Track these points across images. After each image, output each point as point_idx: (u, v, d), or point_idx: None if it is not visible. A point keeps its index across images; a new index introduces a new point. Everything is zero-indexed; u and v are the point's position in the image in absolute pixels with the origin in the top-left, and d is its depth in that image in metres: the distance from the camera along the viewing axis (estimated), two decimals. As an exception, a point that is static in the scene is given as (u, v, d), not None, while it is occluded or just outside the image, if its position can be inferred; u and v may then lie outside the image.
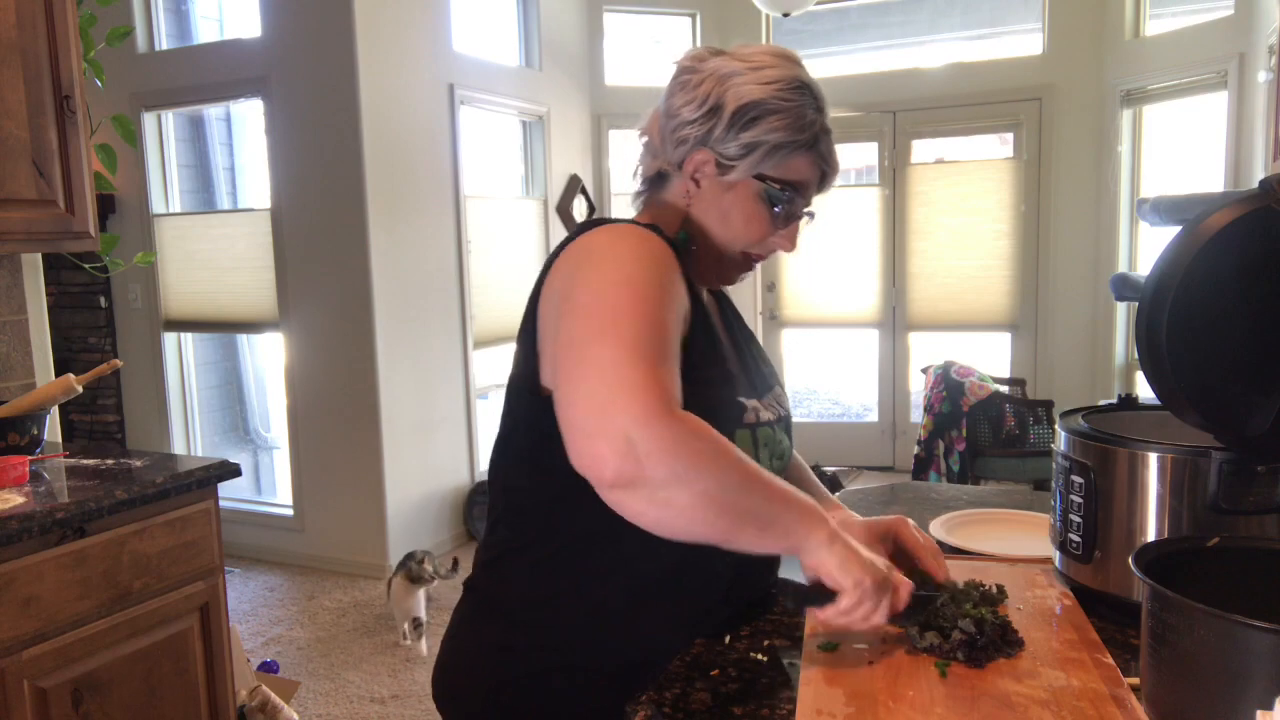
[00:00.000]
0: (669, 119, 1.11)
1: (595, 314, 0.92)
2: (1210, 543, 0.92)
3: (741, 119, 1.06)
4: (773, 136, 1.06)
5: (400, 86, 4.18)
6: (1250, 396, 1.00)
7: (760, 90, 1.06)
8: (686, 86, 1.10)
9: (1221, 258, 0.97)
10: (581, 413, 0.88)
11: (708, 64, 1.10)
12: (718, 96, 1.07)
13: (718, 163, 1.08)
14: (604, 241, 1.01)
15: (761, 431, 1.09)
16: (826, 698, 0.91)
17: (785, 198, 1.09)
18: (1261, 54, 3.70)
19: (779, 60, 1.09)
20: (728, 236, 1.11)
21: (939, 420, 4.31)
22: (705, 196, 1.10)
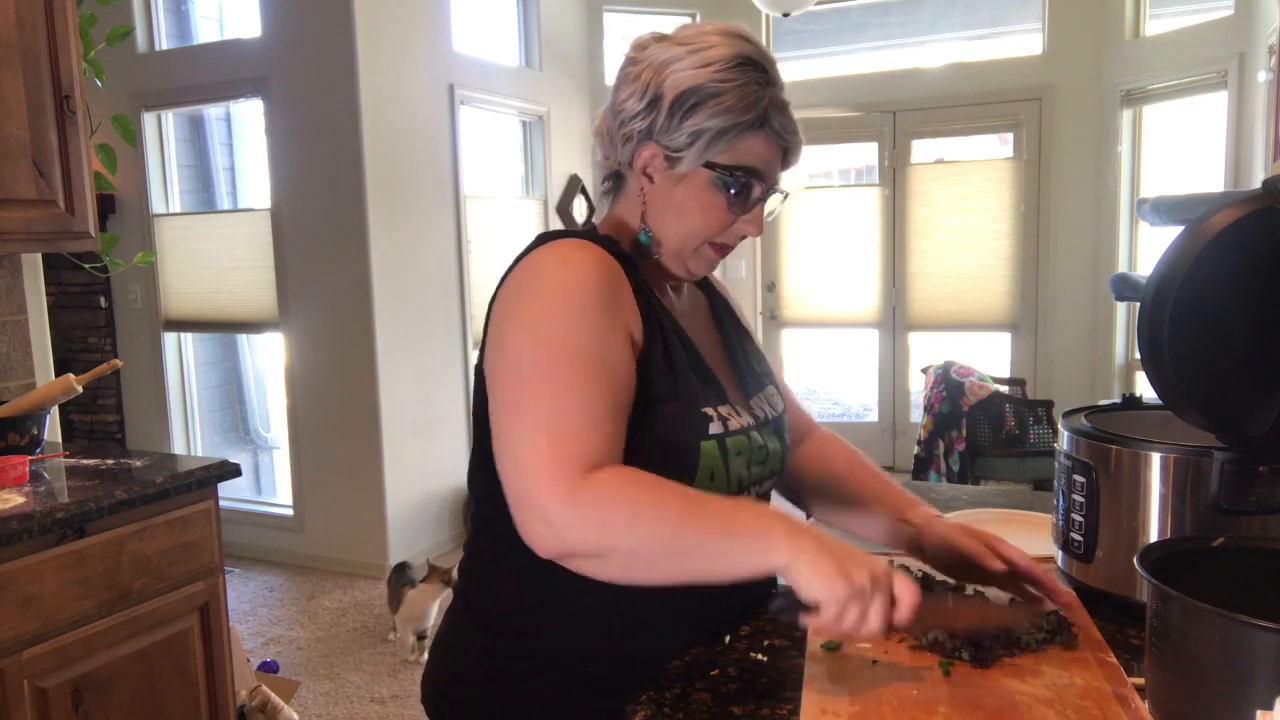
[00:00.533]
0: (615, 115, 1.08)
1: (512, 381, 0.95)
2: (1215, 543, 0.92)
3: (681, 107, 1.01)
4: (715, 122, 1.01)
5: (400, 86, 4.18)
6: (1252, 396, 1.00)
7: (697, 75, 1.01)
8: (628, 79, 1.06)
9: (1223, 258, 0.97)
10: (509, 491, 0.92)
11: (648, 52, 1.06)
12: (656, 86, 1.03)
13: (665, 156, 1.04)
14: (536, 275, 0.99)
15: (732, 441, 1.05)
16: (830, 697, 0.90)
17: (739, 183, 1.03)
18: (1261, 54, 3.70)
19: (721, 38, 1.03)
20: (687, 229, 1.06)
21: (939, 420, 4.31)
22: (659, 191, 1.06)
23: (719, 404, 1.06)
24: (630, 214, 1.10)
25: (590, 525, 0.88)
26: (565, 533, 0.88)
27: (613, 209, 1.13)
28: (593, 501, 0.88)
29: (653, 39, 1.08)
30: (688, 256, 1.09)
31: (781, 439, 1.17)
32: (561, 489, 0.88)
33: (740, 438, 1.06)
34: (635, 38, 1.10)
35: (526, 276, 1.00)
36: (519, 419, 0.92)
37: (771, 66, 1.04)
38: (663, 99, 1.02)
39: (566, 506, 0.88)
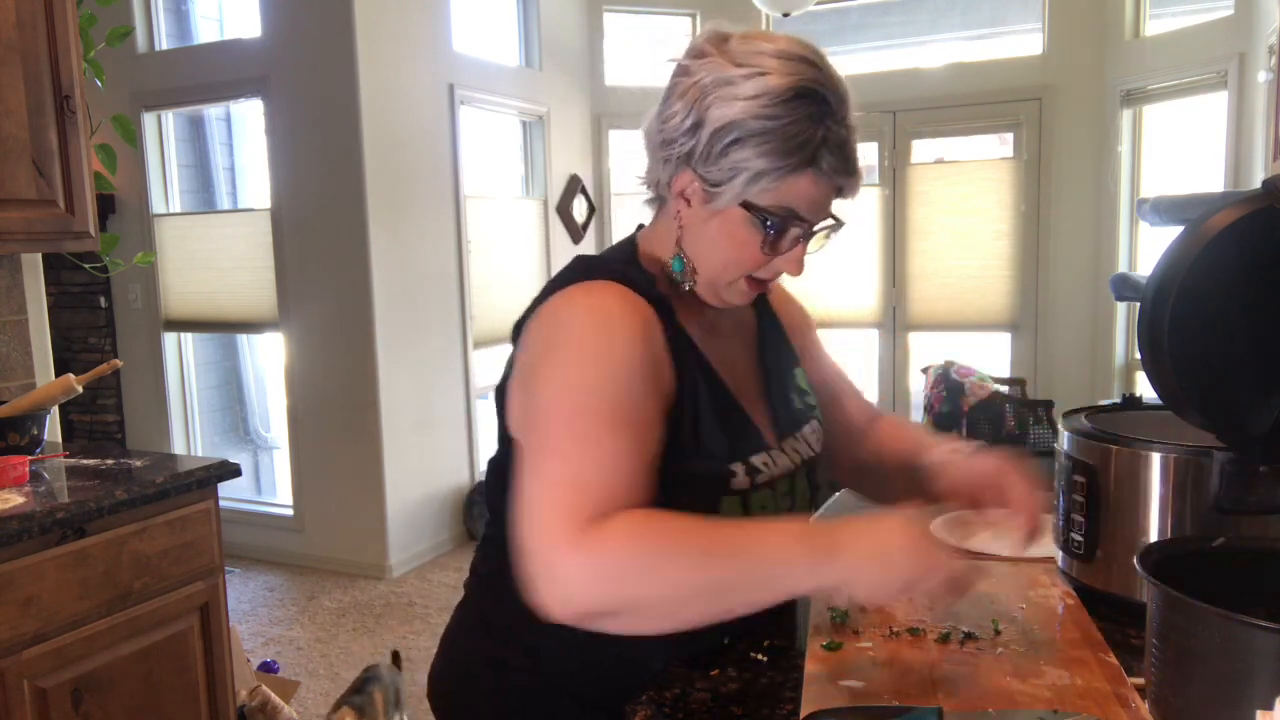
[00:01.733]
0: (658, 129, 1.00)
1: (537, 434, 0.91)
2: (1215, 543, 0.92)
3: (721, 141, 0.94)
4: (755, 163, 0.93)
5: (400, 86, 4.18)
6: (1252, 396, 1.00)
7: (740, 108, 0.93)
8: (677, 92, 0.98)
9: (1224, 258, 0.97)
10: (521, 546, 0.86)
11: (701, 65, 0.97)
12: (701, 111, 0.95)
13: (703, 187, 0.97)
14: (569, 324, 0.95)
15: (756, 496, 1.01)
16: (831, 696, 0.90)
17: (777, 227, 0.97)
18: (1261, 54, 3.70)
19: (779, 63, 0.94)
20: (721, 263, 1.00)
21: (939, 420, 4.31)
22: (695, 219, 1.00)
23: (752, 453, 1.03)
24: (668, 234, 1.04)
25: (600, 578, 0.83)
26: (577, 591, 0.83)
27: (654, 223, 1.09)
28: (601, 551, 0.82)
29: (712, 46, 0.98)
30: (721, 288, 1.03)
31: (813, 481, 1.14)
32: (568, 540, 0.83)
33: (766, 492, 1.03)
34: (695, 40, 1.00)
35: (559, 324, 0.96)
36: (538, 471, 0.89)
37: (835, 96, 0.97)
38: (704, 126, 0.95)
39: (573, 557, 0.82)
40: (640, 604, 0.84)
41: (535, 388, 0.94)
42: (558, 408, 0.91)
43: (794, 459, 1.09)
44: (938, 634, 1.03)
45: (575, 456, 0.88)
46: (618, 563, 0.83)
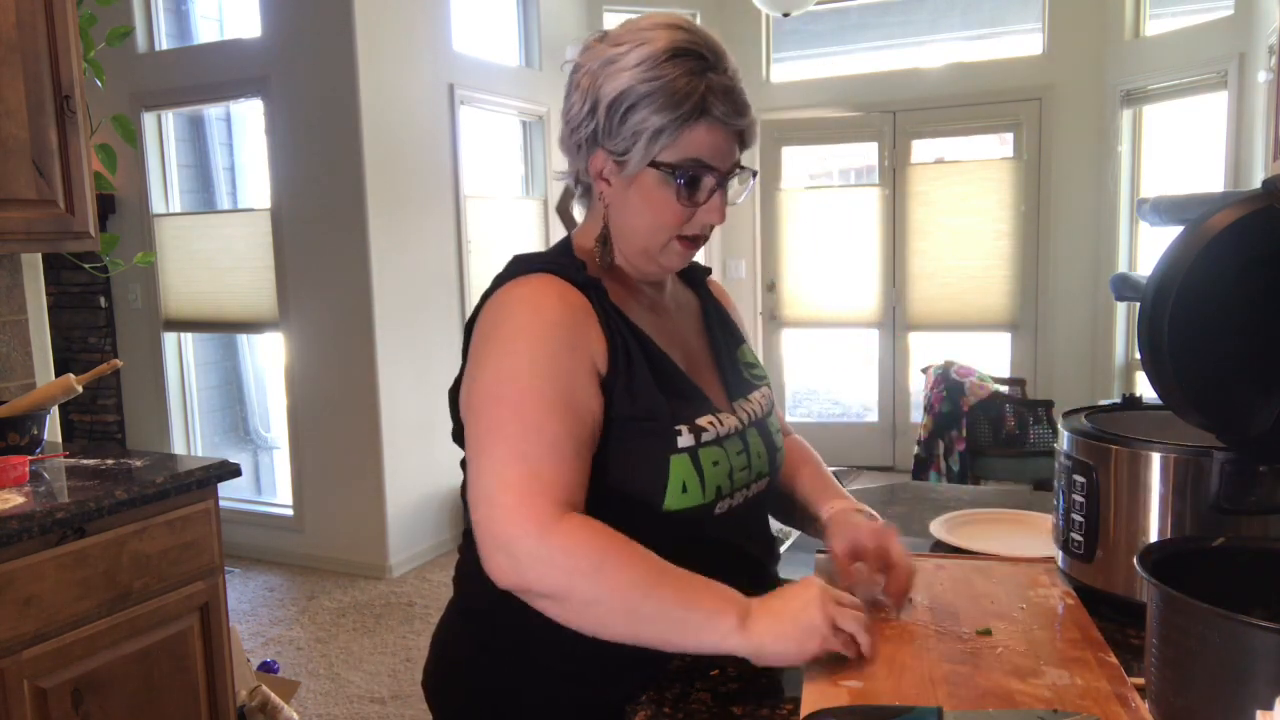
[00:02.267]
0: (566, 123, 1.08)
1: (482, 420, 0.97)
2: (1215, 543, 0.92)
3: (617, 111, 1.01)
4: (651, 121, 1.00)
5: (400, 86, 4.18)
6: (1252, 396, 1.00)
7: (626, 77, 1.00)
8: (573, 86, 1.06)
9: (1224, 258, 0.97)
10: (474, 523, 0.94)
11: (587, 55, 1.05)
12: (595, 92, 1.03)
13: (614, 160, 1.04)
14: (502, 317, 1.01)
15: (706, 452, 1.04)
16: (830, 697, 0.90)
17: (686, 176, 1.02)
18: (1261, 54, 3.70)
19: (654, 32, 1.02)
20: (647, 228, 1.06)
21: (939, 420, 4.31)
22: (616, 195, 1.06)
23: (696, 415, 1.06)
24: (597, 220, 1.11)
25: (555, 567, 0.90)
26: (528, 569, 0.90)
27: (587, 216, 1.15)
28: (561, 544, 0.90)
29: (596, 39, 1.07)
30: (657, 253, 1.08)
31: (769, 440, 1.16)
32: (532, 525, 0.90)
33: (715, 448, 1.06)
34: (582, 40, 1.09)
35: (494, 317, 1.02)
36: (489, 454, 0.95)
37: (711, 51, 1.02)
38: (600, 104, 1.02)
39: (535, 542, 0.90)
40: (572, 599, 0.91)
41: (477, 377, 1.00)
42: (500, 393, 0.97)
43: (743, 419, 1.13)
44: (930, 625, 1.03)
45: (521, 439, 0.94)
46: (569, 558, 0.90)
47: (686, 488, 1.02)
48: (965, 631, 1.04)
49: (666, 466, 1.01)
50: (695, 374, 1.13)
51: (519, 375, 0.96)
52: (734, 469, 1.08)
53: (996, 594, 1.14)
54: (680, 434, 1.03)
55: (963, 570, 1.23)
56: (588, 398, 0.99)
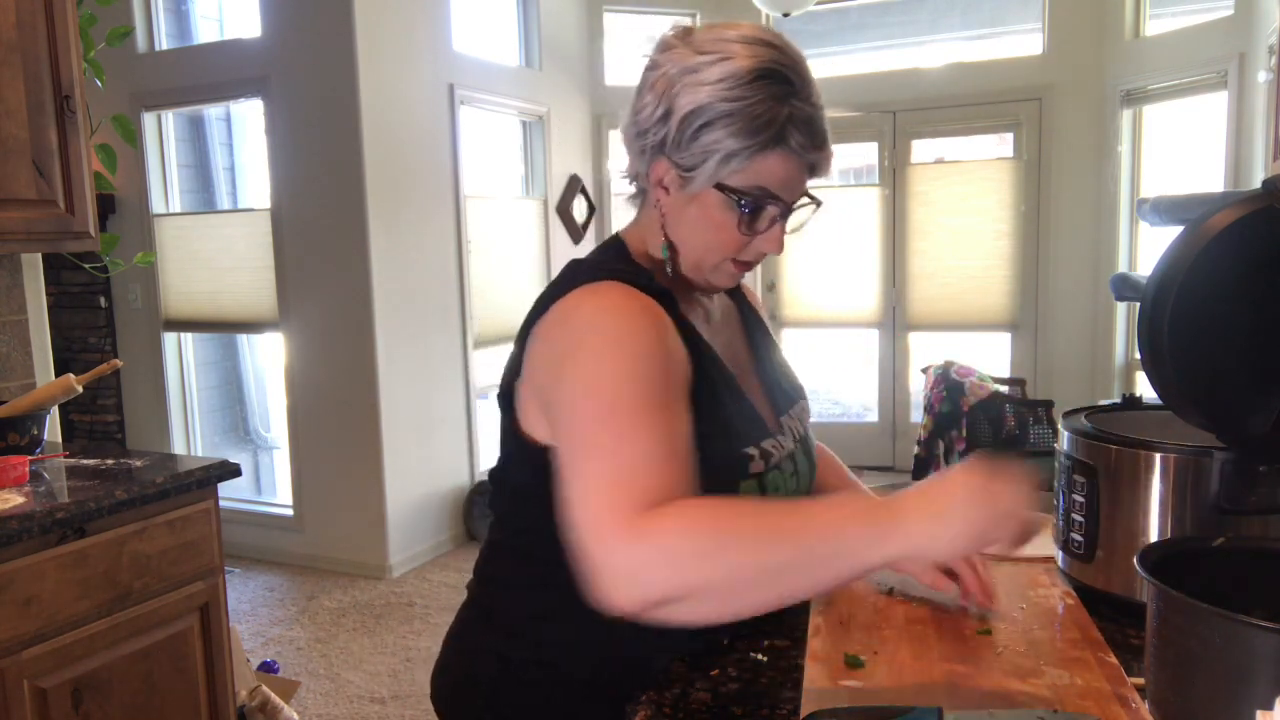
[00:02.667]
0: (633, 124, 1.03)
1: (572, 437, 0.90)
2: (1215, 543, 0.92)
3: (691, 125, 0.96)
4: (725, 144, 0.95)
5: (400, 86, 4.18)
6: (1252, 396, 1.00)
7: (706, 93, 0.95)
8: (647, 86, 1.01)
9: (1224, 258, 0.97)
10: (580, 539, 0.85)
11: (668, 56, 1.00)
12: (670, 100, 0.98)
13: (678, 173, 1.00)
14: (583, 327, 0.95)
15: (771, 478, 1.03)
16: (831, 696, 0.90)
17: (752, 206, 0.99)
18: (1261, 54, 3.70)
19: (741, 47, 0.97)
20: (703, 246, 1.02)
21: (939, 420, 4.31)
22: (674, 206, 1.02)
23: (762, 438, 1.04)
24: (653, 225, 1.06)
25: (658, 564, 0.80)
26: (637, 580, 0.80)
27: (638, 219, 1.10)
28: (656, 539, 0.81)
29: (677, 39, 1.01)
30: (707, 272, 1.05)
31: (810, 459, 1.15)
32: (621, 531, 0.81)
33: (776, 474, 1.05)
34: (661, 35, 1.03)
35: (572, 328, 0.96)
36: (581, 473, 0.88)
37: (798, 75, 0.98)
38: (673, 114, 0.98)
39: (629, 548, 0.81)
40: (701, 589, 0.81)
41: (562, 393, 0.93)
42: (588, 408, 0.90)
43: (794, 438, 1.11)
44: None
45: (614, 451, 0.87)
46: (674, 549, 0.80)
47: None
48: (965, 631, 1.04)
49: (736, 489, 0.99)
50: (749, 387, 1.10)
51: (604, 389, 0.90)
52: (787, 491, 1.06)
53: (996, 594, 1.14)
54: (752, 459, 1.01)
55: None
56: (681, 403, 0.94)
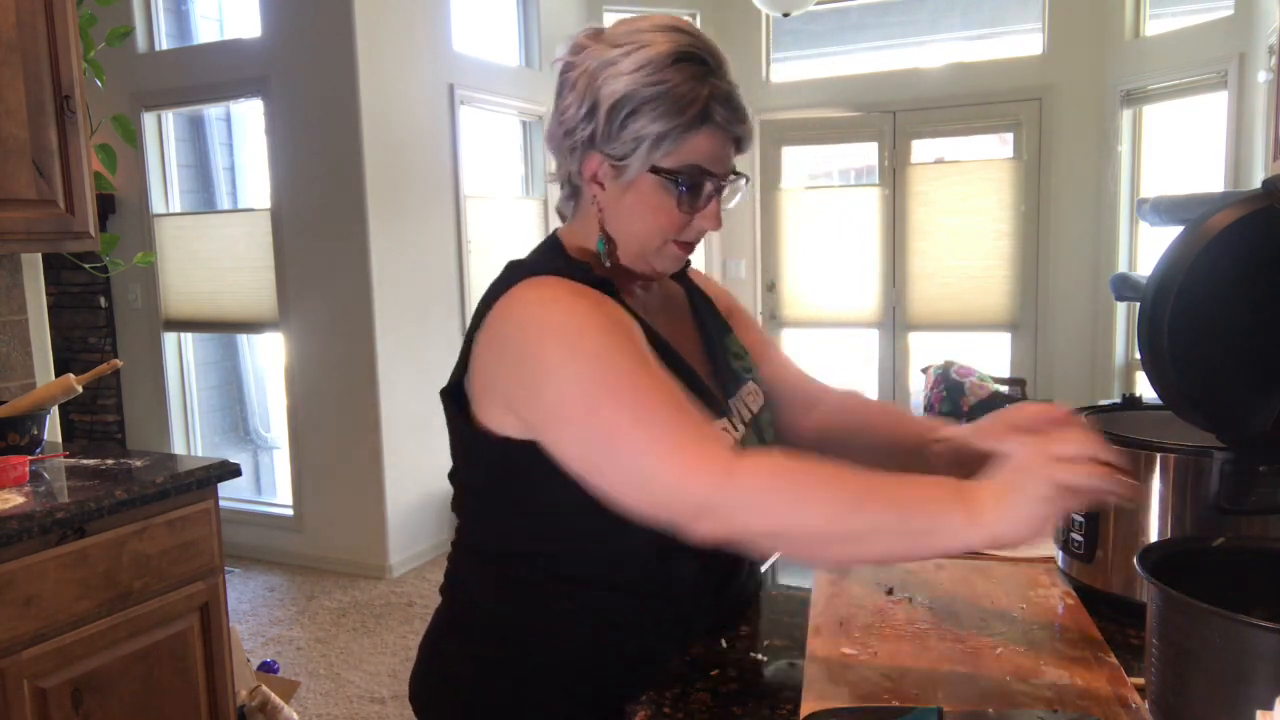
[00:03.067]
0: (558, 124, 1.05)
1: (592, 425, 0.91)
2: (1215, 542, 0.92)
3: (617, 116, 0.99)
4: (653, 128, 0.98)
5: (400, 86, 4.18)
6: (1252, 396, 1.00)
7: (627, 81, 0.98)
8: (567, 85, 1.04)
9: (1224, 258, 0.97)
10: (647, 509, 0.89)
11: (583, 56, 1.03)
12: (593, 94, 1.00)
13: (611, 164, 1.02)
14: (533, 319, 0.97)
15: None
16: (831, 696, 0.90)
17: (687, 184, 1.01)
18: (1261, 54, 3.70)
19: (655, 34, 1.00)
20: (645, 232, 1.04)
21: (939, 420, 4.30)
22: (611, 198, 1.04)
23: (715, 419, 1.05)
24: (589, 223, 1.07)
25: (757, 509, 0.86)
26: (734, 517, 0.86)
27: (575, 217, 1.11)
28: (754, 483, 0.86)
29: (589, 39, 1.05)
30: (651, 257, 1.07)
31: (762, 438, 1.15)
32: (716, 474, 0.86)
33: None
34: (571, 38, 1.07)
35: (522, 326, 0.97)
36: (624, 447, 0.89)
37: (712, 56, 1.01)
38: (599, 107, 1.00)
39: (728, 490, 0.86)
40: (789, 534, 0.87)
41: (551, 390, 0.94)
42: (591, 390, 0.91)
43: (743, 419, 1.11)
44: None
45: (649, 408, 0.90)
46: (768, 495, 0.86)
47: None
48: (965, 631, 1.04)
49: None
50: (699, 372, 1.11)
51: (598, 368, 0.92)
52: None
53: (996, 594, 1.14)
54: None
55: (963, 570, 1.23)
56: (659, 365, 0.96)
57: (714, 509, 0.86)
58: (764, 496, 0.86)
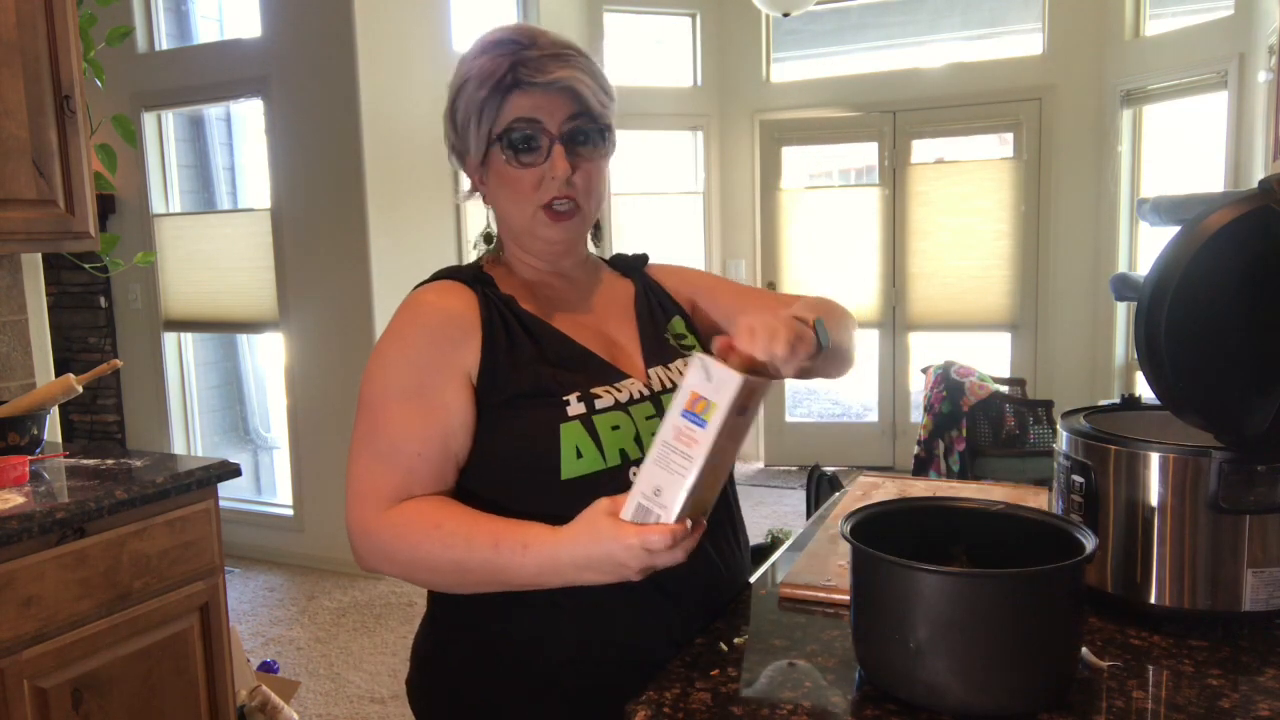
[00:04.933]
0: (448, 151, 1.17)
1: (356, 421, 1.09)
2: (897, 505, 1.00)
3: (456, 114, 1.11)
4: (473, 104, 1.08)
5: (400, 86, 4.18)
6: (1249, 396, 1.00)
7: (454, 81, 1.12)
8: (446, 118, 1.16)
9: (1221, 257, 0.97)
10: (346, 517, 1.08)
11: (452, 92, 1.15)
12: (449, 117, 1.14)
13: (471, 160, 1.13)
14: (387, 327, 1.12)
15: (602, 418, 1.06)
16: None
17: (518, 140, 1.08)
18: (1261, 54, 3.70)
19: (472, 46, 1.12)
20: (513, 210, 1.12)
21: (939, 420, 4.31)
22: (489, 190, 1.15)
23: (592, 385, 1.08)
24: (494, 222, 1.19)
25: (382, 558, 1.04)
26: (369, 562, 1.05)
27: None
28: (380, 541, 1.03)
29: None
30: (532, 229, 1.12)
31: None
32: (359, 524, 1.04)
33: (615, 413, 1.07)
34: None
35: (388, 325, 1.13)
36: (351, 455, 1.07)
37: (524, 35, 1.08)
38: (446, 118, 1.14)
39: (362, 540, 1.04)
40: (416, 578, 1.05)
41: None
42: (364, 391, 1.09)
43: (655, 385, 1.14)
44: None
45: (370, 440, 1.06)
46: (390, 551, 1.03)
47: (581, 453, 1.04)
48: None
49: (557, 434, 1.04)
50: (613, 352, 1.15)
51: (378, 377, 1.08)
52: (642, 433, 1.08)
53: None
54: (569, 403, 1.05)
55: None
56: (447, 400, 1.05)
57: (356, 552, 1.05)
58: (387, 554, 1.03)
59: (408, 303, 1.12)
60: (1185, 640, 1.02)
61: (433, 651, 1.15)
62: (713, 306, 1.28)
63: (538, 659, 1.06)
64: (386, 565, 1.04)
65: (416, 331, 1.09)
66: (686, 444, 0.86)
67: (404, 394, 1.06)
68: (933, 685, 0.87)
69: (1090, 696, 0.91)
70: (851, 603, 0.96)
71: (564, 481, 1.03)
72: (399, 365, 1.07)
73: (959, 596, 0.86)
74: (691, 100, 5.75)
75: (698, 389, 0.86)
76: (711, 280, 1.33)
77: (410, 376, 1.06)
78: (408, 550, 1.02)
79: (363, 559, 1.05)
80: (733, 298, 1.30)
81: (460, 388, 1.06)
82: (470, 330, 1.07)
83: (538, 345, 1.10)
